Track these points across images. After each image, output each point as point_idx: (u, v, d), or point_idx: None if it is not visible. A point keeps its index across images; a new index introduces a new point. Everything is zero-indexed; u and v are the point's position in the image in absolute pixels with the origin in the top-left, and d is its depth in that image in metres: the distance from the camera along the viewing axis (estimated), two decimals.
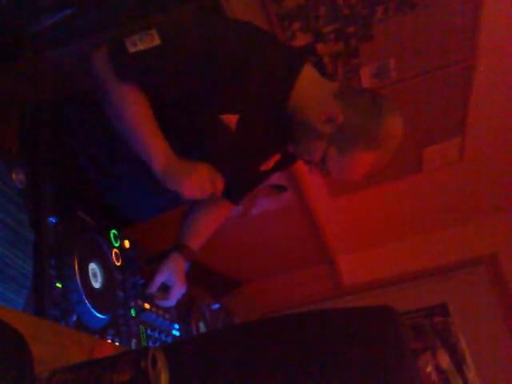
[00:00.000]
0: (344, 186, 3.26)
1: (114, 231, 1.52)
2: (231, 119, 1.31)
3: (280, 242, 3.25)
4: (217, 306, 2.21)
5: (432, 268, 3.98)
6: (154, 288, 1.55)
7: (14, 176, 1.15)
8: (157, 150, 1.25)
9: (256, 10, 1.92)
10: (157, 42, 1.22)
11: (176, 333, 1.73)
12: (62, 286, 1.20)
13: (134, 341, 1.46)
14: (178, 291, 1.57)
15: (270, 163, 1.51)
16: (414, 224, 3.84)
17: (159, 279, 1.55)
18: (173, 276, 1.55)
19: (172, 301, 1.58)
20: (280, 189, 2.69)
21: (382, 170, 1.37)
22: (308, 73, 1.36)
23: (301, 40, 2.06)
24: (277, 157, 1.52)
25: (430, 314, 4.11)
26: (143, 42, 1.21)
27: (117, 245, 1.52)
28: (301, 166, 2.64)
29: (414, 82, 2.45)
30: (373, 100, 1.32)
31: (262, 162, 1.51)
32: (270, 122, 1.40)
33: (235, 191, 1.63)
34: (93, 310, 1.27)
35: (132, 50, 1.21)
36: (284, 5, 1.91)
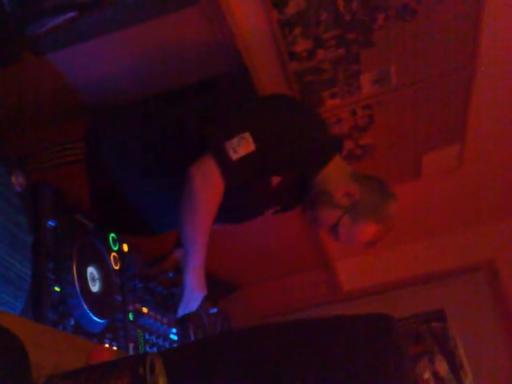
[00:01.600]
0: None
1: (112, 235, 1.52)
2: (275, 180, 1.58)
3: (278, 246, 3.24)
4: (214, 310, 2.21)
5: (430, 274, 3.98)
6: (183, 308, 1.57)
7: (13, 179, 1.15)
8: (201, 254, 1.49)
9: (258, 15, 1.93)
10: (252, 147, 1.45)
11: (174, 337, 1.72)
12: (60, 289, 1.20)
13: (131, 345, 1.46)
14: (199, 298, 1.62)
15: (273, 209, 1.83)
16: (412, 230, 3.84)
17: (191, 297, 1.57)
18: (198, 289, 1.60)
19: (194, 307, 1.60)
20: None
21: (379, 241, 1.70)
22: (336, 159, 1.67)
23: (302, 45, 2.07)
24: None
25: (428, 319, 4.11)
26: (241, 147, 1.44)
27: (115, 248, 1.52)
28: None
29: (414, 88, 2.45)
30: (380, 186, 1.70)
31: (271, 208, 1.82)
32: (294, 189, 1.69)
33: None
34: (91, 313, 1.27)
35: (234, 157, 1.43)
36: (285, 11, 1.91)
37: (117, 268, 1.50)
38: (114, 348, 1.35)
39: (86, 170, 1.56)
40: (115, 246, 1.52)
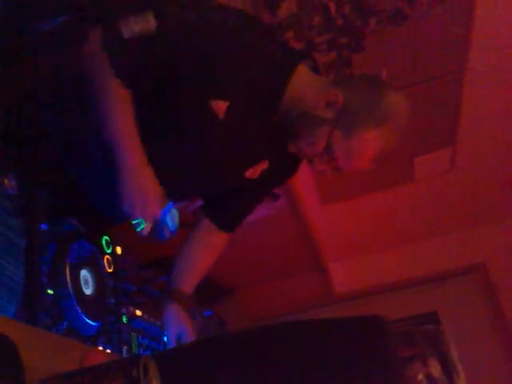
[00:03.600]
0: (336, 194, 3.27)
1: (106, 237, 1.52)
2: (220, 106, 1.25)
3: (272, 249, 3.25)
4: (209, 312, 2.21)
5: (423, 276, 4.00)
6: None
7: (5, 182, 1.15)
8: (131, 147, 1.20)
9: None
10: (152, 23, 1.19)
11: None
12: (54, 292, 1.20)
13: (125, 348, 1.46)
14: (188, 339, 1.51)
15: (257, 170, 1.45)
16: (406, 232, 3.86)
17: (172, 339, 1.48)
18: (181, 329, 1.49)
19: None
20: (272, 196, 2.70)
21: (390, 153, 1.31)
22: (303, 70, 1.33)
23: None
24: (264, 165, 1.45)
25: (421, 321, 4.12)
26: (138, 24, 1.19)
27: (109, 251, 1.52)
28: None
29: (405, 91, 2.46)
30: (370, 80, 1.32)
31: (248, 166, 1.44)
32: (262, 122, 1.35)
33: (224, 214, 1.59)
34: (84, 316, 1.26)
35: (127, 34, 1.18)
36: (278, 14, 1.92)
37: (110, 271, 1.50)
38: (108, 351, 1.35)
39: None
40: (108, 248, 1.52)
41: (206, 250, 1.60)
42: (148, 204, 1.16)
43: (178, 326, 1.48)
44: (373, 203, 3.44)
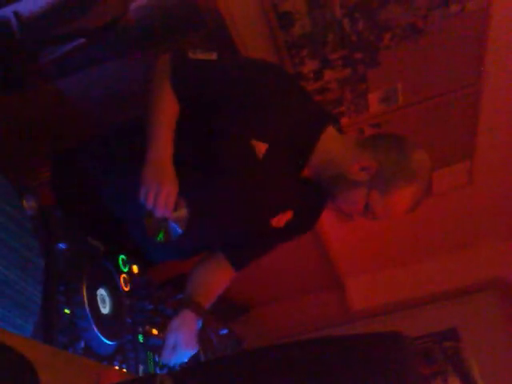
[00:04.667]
0: None
1: (122, 256, 1.53)
2: (260, 147, 1.35)
3: (288, 266, 3.23)
4: (225, 331, 2.20)
5: (442, 292, 3.95)
6: (166, 352, 1.49)
7: (24, 203, 1.16)
8: (160, 146, 1.30)
9: (265, 37, 1.95)
10: (214, 57, 1.36)
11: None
12: (71, 312, 1.20)
13: (141, 367, 1.45)
14: (187, 351, 1.51)
15: (282, 220, 1.52)
16: (424, 248, 3.82)
17: (169, 343, 1.49)
18: (182, 336, 1.50)
19: (183, 358, 1.52)
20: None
21: (423, 200, 1.45)
22: (332, 130, 1.45)
23: (309, 66, 2.08)
24: (289, 215, 1.52)
25: (441, 339, 4.07)
26: (203, 54, 1.36)
27: (125, 270, 1.53)
28: None
29: (421, 106, 2.45)
30: (393, 140, 1.44)
31: (275, 213, 1.52)
32: (293, 172, 1.46)
33: (240, 253, 1.64)
34: (101, 336, 1.27)
35: (192, 56, 1.35)
36: (292, 32, 1.93)
37: (127, 289, 1.50)
38: (124, 370, 1.35)
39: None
40: (125, 267, 1.53)
41: (218, 277, 1.64)
42: (162, 194, 1.23)
43: (181, 334, 1.48)
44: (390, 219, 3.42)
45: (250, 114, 1.34)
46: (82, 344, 1.21)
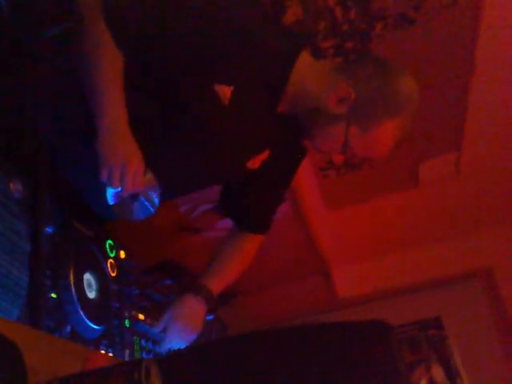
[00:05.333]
0: (340, 199, 3.27)
1: (109, 241, 1.52)
2: (225, 91, 1.19)
3: (275, 253, 3.24)
4: (211, 317, 2.21)
5: (427, 281, 3.99)
6: (159, 327, 1.48)
7: (11, 186, 1.16)
8: (112, 110, 1.11)
9: None
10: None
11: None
12: (57, 296, 1.20)
13: (127, 351, 1.46)
14: (189, 335, 1.48)
15: (257, 161, 1.39)
16: (410, 237, 3.85)
17: (163, 320, 1.48)
18: (191, 324, 1.47)
19: (166, 344, 1.48)
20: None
21: (408, 136, 1.27)
22: (306, 57, 1.28)
23: None
24: (264, 155, 1.40)
25: (425, 327, 4.10)
26: None
27: (112, 255, 1.52)
28: (296, 177, 2.65)
29: None
30: (375, 65, 1.25)
31: (250, 156, 1.38)
32: (266, 111, 1.30)
33: (255, 217, 1.58)
34: (87, 320, 1.27)
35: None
36: (283, 20, 1.93)
37: (113, 275, 1.50)
38: (110, 354, 1.35)
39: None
40: (112, 252, 1.53)
41: (239, 255, 1.60)
42: (128, 171, 1.08)
43: (192, 320, 1.45)
44: (377, 208, 3.44)
45: (207, 56, 1.16)
46: (69, 328, 1.21)
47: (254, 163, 1.40)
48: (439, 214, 3.61)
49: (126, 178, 1.07)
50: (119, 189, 1.09)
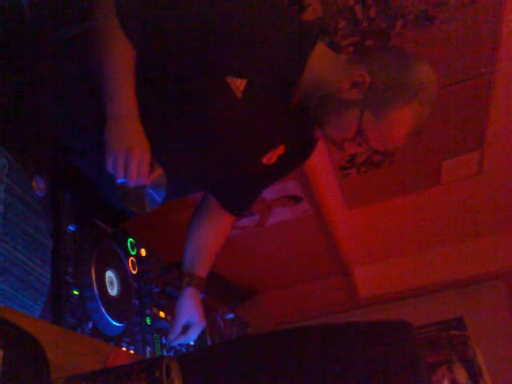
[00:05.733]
0: (361, 198, 3.25)
1: (130, 239, 1.54)
2: (238, 84, 1.16)
3: (295, 252, 3.24)
4: (231, 315, 2.22)
5: (449, 281, 3.95)
6: (176, 333, 1.46)
7: (34, 184, 1.17)
8: (121, 97, 1.10)
9: None
10: None
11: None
12: (79, 293, 1.21)
13: (148, 349, 1.47)
14: (197, 329, 1.49)
15: (274, 156, 1.37)
16: (432, 237, 3.82)
17: (180, 323, 1.46)
18: (192, 315, 1.47)
19: (191, 339, 1.50)
20: (296, 199, 2.70)
21: (425, 125, 1.21)
22: (321, 48, 1.25)
23: None
24: (281, 150, 1.37)
25: (447, 327, 4.07)
26: None
27: (133, 253, 1.54)
28: (317, 176, 2.65)
29: None
30: (394, 53, 1.23)
31: (266, 151, 1.35)
32: (280, 104, 1.27)
33: (234, 197, 1.54)
34: (109, 317, 1.28)
35: None
36: (303, 18, 1.92)
37: (134, 272, 1.51)
38: (131, 351, 1.37)
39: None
40: (133, 250, 1.54)
41: (215, 234, 1.56)
42: (132, 160, 1.05)
43: (191, 314, 1.46)
44: (398, 207, 3.42)
45: (220, 48, 1.14)
46: (90, 325, 1.22)
47: (271, 158, 1.37)
48: (461, 213, 3.58)
49: (130, 167, 1.05)
50: (125, 179, 1.06)
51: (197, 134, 1.24)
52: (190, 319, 1.47)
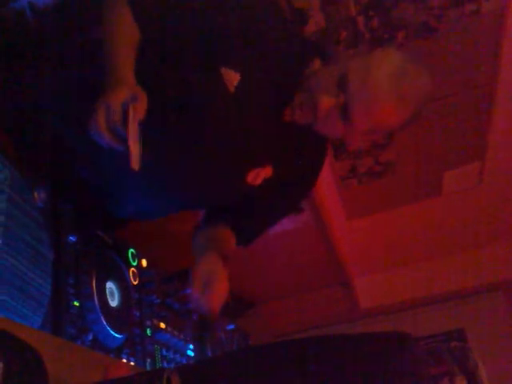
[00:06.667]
0: (362, 208, 3.25)
1: (131, 250, 1.53)
2: (231, 77, 1.14)
3: (296, 262, 3.23)
4: (232, 326, 2.21)
5: (449, 293, 3.94)
6: (198, 285, 1.20)
7: (35, 195, 1.17)
8: (121, 70, 1.06)
9: None
10: None
11: (191, 353, 1.72)
12: (80, 304, 1.21)
13: (148, 360, 1.46)
14: (219, 292, 1.23)
15: (260, 175, 1.29)
16: (432, 248, 3.81)
17: (203, 273, 1.21)
18: (218, 272, 1.24)
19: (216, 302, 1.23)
20: (296, 210, 2.69)
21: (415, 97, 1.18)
22: (318, 64, 1.23)
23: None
24: (268, 171, 1.30)
25: (448, 339, 4.06)
26: None
27: (134, 264, 1.53)
28: (317, 186, 2.64)
29: (434, 105, 2.44)
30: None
31: (251, 165, 1.28)
32: (273, 116, 1.21)
33: (246, 229, 1.45)
34: (109, 328, 1.27)
35: None
36: (306, 29, 1.93)
37: (135, 283, 1.51)
38: (132, 363, 1.36)
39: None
40: (134, 261, 1.53)
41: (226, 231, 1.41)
42: (112, 101, 0.98)
43: (210, 266, 1.23)
44: (398, 218, 3.42)
45: (220, 37, 1.14)
46: (91, 336, 1.21)
47: (256, 178, 1.30)
48: (462, 223, 3.57)
49: (110, 109, 0.97)
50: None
51: (186, 127, 1.19)
52: (211, 275, 1.23)
